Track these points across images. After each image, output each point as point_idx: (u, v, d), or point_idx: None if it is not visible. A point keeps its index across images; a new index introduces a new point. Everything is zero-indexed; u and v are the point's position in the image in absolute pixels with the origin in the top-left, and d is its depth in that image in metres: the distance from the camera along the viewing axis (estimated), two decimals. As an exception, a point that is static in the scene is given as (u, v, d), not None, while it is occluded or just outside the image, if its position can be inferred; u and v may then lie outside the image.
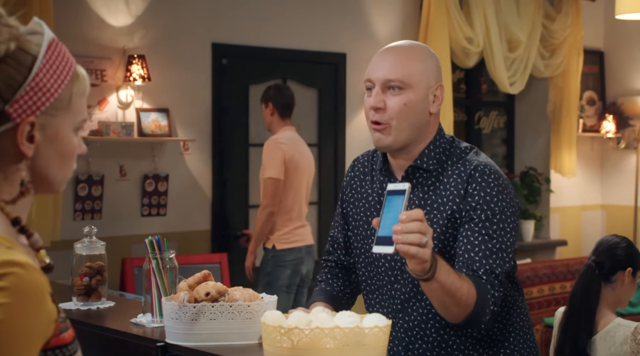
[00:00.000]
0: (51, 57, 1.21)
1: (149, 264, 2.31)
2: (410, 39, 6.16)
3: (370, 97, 2.06)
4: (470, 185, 2.00)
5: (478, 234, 1.96)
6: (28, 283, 1.11)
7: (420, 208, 1.79)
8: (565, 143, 6.90)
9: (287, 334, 1.76)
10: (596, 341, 2.84)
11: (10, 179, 1.22)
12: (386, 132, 2.04)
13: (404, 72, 2.02)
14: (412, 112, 2.02)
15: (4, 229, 1.19)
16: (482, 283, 1.93)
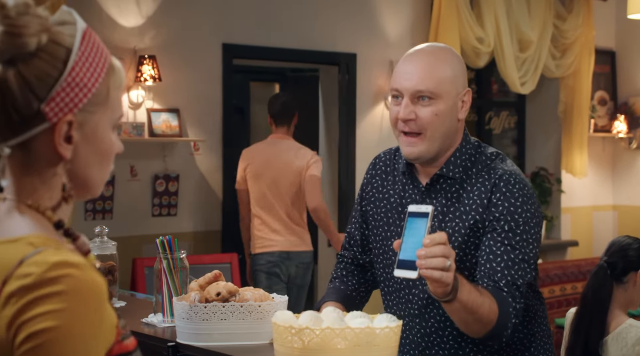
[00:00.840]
0: (86, 49, 1.12)
1: (160, 264, 2.31)
2: (421, 40, 6.17)
3: (398, 106, 2.01)
4: (495, 195, 1.98)
5: (501, 244, 1.95)
6: (86, 285, 1.03)
7: (443, 232, 1.76)
8: (577, 144, 6.88)
9: (298, 334, 1.76)
10: (608, 343, 2.83)
11: (49, 184, 1.14)
12: (417, 144, 2.00)
13: (434, 82, 1.98)
14: (443, 121, 1.99)
15: (49, 233, 1.12)
16: (503, 297, 1.91)
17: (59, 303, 1.01)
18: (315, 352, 1.76)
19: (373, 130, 6.10)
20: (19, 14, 1.07)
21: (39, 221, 1.12)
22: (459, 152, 2.05)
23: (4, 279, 1.03)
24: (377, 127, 6.12)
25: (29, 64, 1.08)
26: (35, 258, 1.04)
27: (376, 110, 6.12)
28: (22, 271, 1.03)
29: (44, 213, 1.13)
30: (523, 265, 1.95)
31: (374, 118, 6.11)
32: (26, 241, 1.07)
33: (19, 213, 1.12)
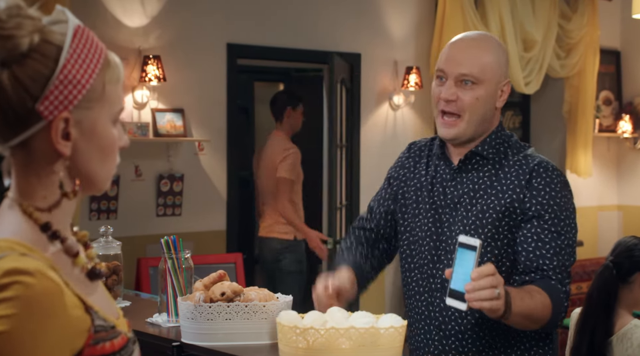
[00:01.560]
0: (78, 46, 1.12)
1: (164, 264, 2.31)
2: (425, 40, 6.17)
3: (441, 86, 2.11)
4: (535, 180, 2.07)
5: (548, 232, 2.04)
6: (37, 292, 1.03)
7: (491, 263, 1.82)
8: (581, 144, 6.87)
9: (303, 334, 1.76)
10: (613, 343, 2.82)
11: (45, 182, 1.14)
12: (456, 125, 2.10)
13: (479, 67, 2.08)
14: (482, 106, 2.10)
15: (31, 236, 1.12)
16: (553, 286, 2.01)
17: (6, 309, 1.01)
18: (320, 352, 1.76)
19: (377, 130, 6.10)
20: (10, 17, 1.09)
21: (24, 222, 1.13)
22: (494, 134, 2.15)
23: None
24: (382, 127, 6.12)
25: (22, 65, 1.09)
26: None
27: (380, 110, 6.12)
28: None
29: (30, 215, 1.13)
30: (568, 249, 2.06)
31: (379, 118, 6.11)
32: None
33: (10, 214, 1.14)
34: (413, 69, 6.04)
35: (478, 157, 2.14)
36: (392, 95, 6.12)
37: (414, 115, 6.24)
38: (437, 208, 2.15)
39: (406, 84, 6.05)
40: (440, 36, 6.04)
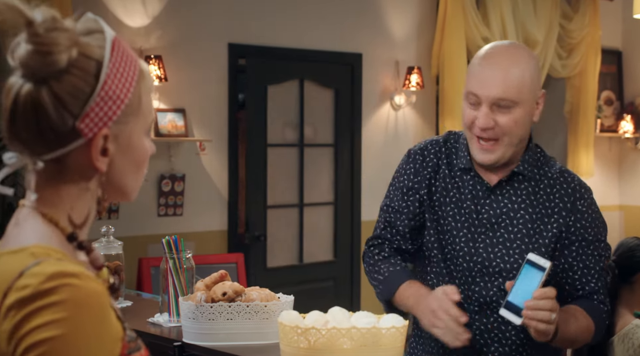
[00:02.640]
0: (117, 60, 1.10)
1: (166, 264, 2.31)
2: (426, 40, 6.17)
3: (475, 110, 1.97)
4: (579, 202, 2.04)
5: (592, 256, 2.04)
6: (85, 294, 1.01)
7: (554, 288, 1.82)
8: (583, 144, 6.86)
9: (304, 334, 1.76)
10: (614, 343, 2.82)
11: (76, 197, 1.12)
12: (494, 151, 1.99)
13: (516, 89, 1.94)
14: (522, 127, 1.99)
15: (58, 244, 1.10)
16: (596, 307, 2.03)
17: (57, 313, 0.99)
18: (321, 352, 1.76)
19: (378, 130, 6.10)
20: (48, 31, 1.05)
21: (50, 231, 1.10)
22: (531, 150, 2.08)
23: (4, 292, 1.02)
24: (383, 127, 6.12)
25: (61, 81, 1.06)
26: (34, 269, 1.02)
27: (382, 110, 6.12)
28: (20, 284, 1.01)
29: (57, 224, 1.11)
30: (605, 268, 2.09)
31: (380, 118, 6.11)
32: (28, 252, 1.05)
33: (32, 223, 1.11)
34: (414, 69, 6.03)
35: (518, 176, 2.05)
36: (394, 95, 6.12)
37: (416, 115, 6.24)
38: (470, 227, 2.04)
39: (407, 84, 6.05)
40: (442, 36, 6.04)
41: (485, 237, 2.03)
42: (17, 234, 1.10)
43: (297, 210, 5.81)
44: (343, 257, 5.99)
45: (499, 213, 2.03)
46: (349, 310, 1.93)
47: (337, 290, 5.97)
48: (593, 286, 2.03)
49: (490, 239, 2.03)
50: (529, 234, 2.00)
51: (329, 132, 5.97)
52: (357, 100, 6.00)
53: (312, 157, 5.89)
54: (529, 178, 2.05)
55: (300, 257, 5.84)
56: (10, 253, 1.07)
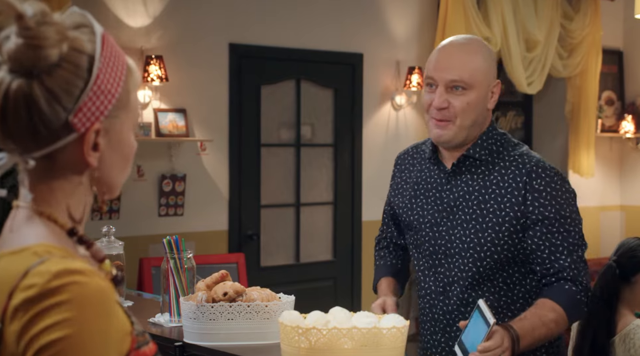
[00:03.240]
0: (107, 54, 1.09)
1: (166, 264, 2.31)
2: (428, 40, 6.16)
3: (432, 93, 2.12)
4: (535, 181, 2.08)
5: (557, 233, 2.07)
6: (91, 291, 1.01)
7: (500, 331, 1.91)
8: (584, 144, 6.86)
9: (305, 334, 1.76)
10: (615, 343, 2.82)
11: (70, 193, 1.12)
12: (447, 128, 2.11)
13: (469, 73, 2.09)
14: (474, 110, 2.10)
15: (59, 241, 1.09)
16: (567, 292, 2.06)
17: (65, 313, 0.98)
18: (322, 352, 1.76)
19: (379, 130, 6.10)
20: (38, 24, 1.04)
21: (49, 229, 1.10)
22: (486, 135, 2.16)
23: (9, 292, 1.02)
24: (384, 127, 6.12)
25: (53, 75, 1.05)
26: (39, 268, 1.02)
27: (383, 110, 6.12)
28: (26, 283, 1.01)
29: (56, 221, 1.10)
30: (579, 242, 2.10)
31: (381, 118, 6.11)
32: (31, 251, 1.05)
33: (31, 222, 1.10)
34: (415, 69, 6.04)
35: (471, 160, 2.15)
36: (394, 95, 6.12)
37: (416, 115, 6.24)
38: (434, 213, 2.18)
39: (408, 84, 6.05)
40: (443, 36, 6.04)
41: (447, 220, 2.15)
42: (16, 235, 1.10)
43: (293, 209, 5.81)
44: (343, 256, 5.99)
45: (457, 196, 2.14)
46: (350, 310, 1.93)
47: (337, 290, 5.97)
48: (562, 263, 2.07)
49: (450, 222, 2.14)
50: (483, 214, 2.09)
51: (329, 132, 5.97)
52: (358, 100, 6.00)
53: (311, 157, 5.89)
54: (485, 163, 2.14)
55: (297, 256, 5.84)
56: (11, 254, 1.07)
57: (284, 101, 5.75)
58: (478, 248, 2.09)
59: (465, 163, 2.15)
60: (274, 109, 5.69)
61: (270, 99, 5.66)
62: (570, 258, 2.08)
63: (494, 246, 2.08)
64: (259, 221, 5.61)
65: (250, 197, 5.56)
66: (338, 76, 5.94)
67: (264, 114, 5.63)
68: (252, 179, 5.57)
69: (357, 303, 5.95)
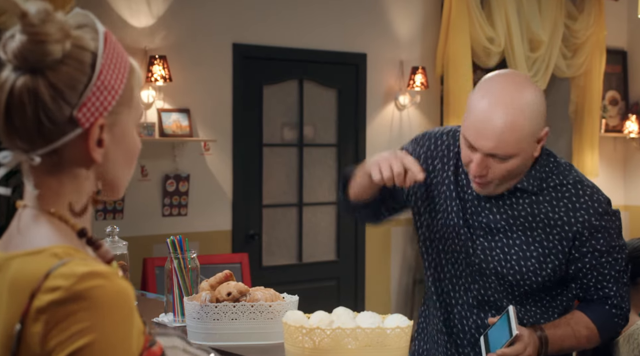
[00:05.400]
0: (110, 52, 1.11)
1: (170, 264, 2.31)
2: (431, 40, 6.15)
3: (470, 153, 1.93)
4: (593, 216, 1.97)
5: (606, 263, 2.02)
6: (115, 294, 1.02)
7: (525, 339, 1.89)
8: (588, 144, 6.85)
9: (309, 334, 1.76)
10: (619, 343, 2.82)
11: (74, 189, 1.12)
12: (488, 187, 1.97)
13: (513, 146, 1.88)
14: (516, 172, 1.95)
15: (70, 241, 1.10)
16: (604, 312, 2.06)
17: (92, 318, 1.00)
18: (326, 352, 1.76)
19: (383, 130, 6.10)
20: (42, 21, 1.06)
21: (61, 230, 1.10)
22: (538, 164, 2.00)
23: (31, 293, 1.02)
24: (387, 127, 6.12)
25: (57, 71, 1.06)
26: (62, 270, 1.02)
27: (386, 110, 6.12)
28: (49, 285, 1.01)
29: (67, 221, 1.11)
30: (625, 267, 2.07)
31: (384, 118, 6.11)
32: (50, 252, 1.05)
33: (41, 222, 1.10)
34: (419, 69, 6.03)
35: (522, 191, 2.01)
36: (398, 95, 6.12)
37: (420, 115, 6.24)
38: (470, 228, 2.04)
39: (412, 84, 6.05)
40: (446, 36, 6.04)
41: (484, 239, 2.02)
42: (26, 235, 1.10)
43: (296, 209, 5.81)
44: (346, 256, 5.99)
45: (499, 218, 2.01)
46: (353, 310, 1.93)
47: (340, 290, 5.97)
48: (608, 292, 2.04)
49: (488, 242, 2.02)
50: (528, 242, 1.99)
51: (332, 132, 5.97)
52: (361, 100, 6.00)
53: (314, 157, 5.89)
54: (534, 191, 2.00)
55: (300, 256, 5.84)
56: (27, 255, 1.06)
57: (287, 101, 5.76)
58: (518, 277, 1.99)
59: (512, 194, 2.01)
60: (277, 109, 5.70)
61: (274, 99, 5.67)
62: (616, 286, 2.05)
63: (535, 276, 2.00)
64: (261, 221, 5.61)
65: (253, 196, 5.57)
66: (341, 76, 5.94)
67: (267, 114, 5.64)
68: (255, 179, 5.58)
69: (361, 304, 5.94)
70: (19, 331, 1.01)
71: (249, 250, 5.48)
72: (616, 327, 2.10)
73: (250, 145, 5.54)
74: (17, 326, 1.01)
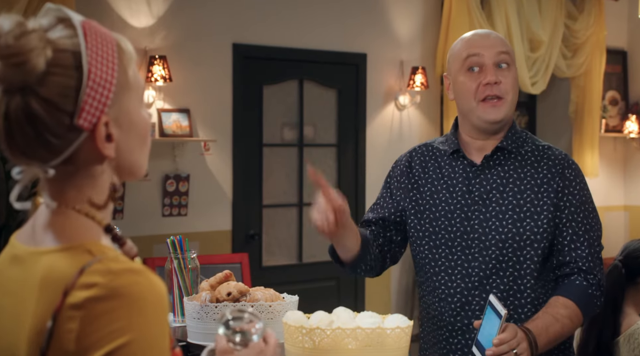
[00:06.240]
0: (93, 44, 1.05)
1: (170, 264, 2.31)
2: (431, 40, 6.16)
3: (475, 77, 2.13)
4: (567, 170, 2.13)
5: (580, 224, 2.12)
6: (152, 291, 1.01)
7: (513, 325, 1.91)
8: (588, 144, 6.85)
9: (309, 334, 1.76)
10: (620, 343, 2.82)
11: (97, 184, 1.10)
12: (502, 106, 2.13)
13: (508, 47, 2.16)
14: (516, 87, 2.16)
15: (99, 238, 1.08)
16: (578, 289, 2.09)
17: (130, 316, 0.98)
18: (326, 352, 1.76)
19: (383, 130, 6.10)
20: (17, 38, 1.01)
21: (88, 226, 1.09)
22: (513, 128, 2.20)
23: (65, 289, 1.00)
24: (387, 127, 6.12)
25: (46, 84, 1.02)
26: (97, 266, 1.01)
27: (386, 110, 6.12)
28: (85, 281, 1.00)
29: (93, 217, 1.09)
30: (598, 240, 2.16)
31: (384, 118, 6.10)
32: (83, 248, 1.04)
33: (68, 219, 1.08)
34: (419, 69, 6.03)
35: (503, 152, 2.16)
36: (398, 95, 6.12)
37: (420, 115, 6.24)
38: (463, 207, 2.14)
39: (412, 84, 6.05)
40: (447, 36, 6.04)
41: (479, 212, 2.13)
42: (54, 232, 1.08)
43: (296, 209, 5.81)
44: (347, 257, 5.98)
45: (489, 189, 2.13)
46: (353, 310, 1.93)
47: (340, 290, 5.97)
48: (580, 253, 2.10)
49: (483, 214, 2.12)
50: (520, 204, 2.11)
51: (332, 132, 5.97)
52: (362, 100, 6.00)
53: (314, 157, 5.89)
54: (515, 154, 2.16)
55: (300, 256, 5.84)
56: (59, 251, 1.05)
57: (287, 101, 5.76)
58: (517, 238, 2.09)
59: (494, 157, 2.16)
60: (277, 109, 5.70)
61: (274, 99, 5.67)
62: (589, 250, 2.12)
63: (533, 234, 2.09)
64: (261, 221, 5.61)
65: (253, 196, 5.57)
66: (341, 76, 5.94)
67: (267, 114, 5.64)
68: (255, 179, 5.58)
69: (361, 304, 5.94)
70: (50, 328, 0.99)
71: (249, 250, 5.48)
72: (593, 298, 2.11)
73: (250, 145, 5.55)
74: (49, 323, 0.99)
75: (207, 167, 5.36)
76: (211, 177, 5.37)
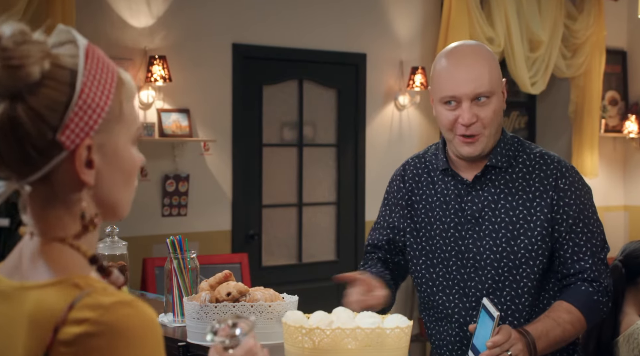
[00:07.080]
0: (92, 67, 1.05)
1: (170, 264, 2.31)
2: (431, 40, 6.16)
3: (452, 111, 2.05)
4: (561, 180, 2.07)
5: (581, 234, 2.07)
6: (145, 322, 1.00)
7: (507, 326, 1.90)
8: (587, 144, 6.85)
9: (309, 334, 1.76)
10: (619, 343, 2.82)
11: (73, 212, 1.07)
12: (479, 142, 2.06)
13: (488, 81, 2.04)
14: (498, 116, 2.08)
15: (85, 270, 1.06)
16: (582, 295, 2.05)
17: (123, 351, 0.97)
18: (326, 352, 1.76)
19: (382, 130, 6.10)
20: (17, 44, 1.01)
21: (74, 258, 1.07)
22: (502, 142, 2.13)
23: (55, 326, 0.98)
24: (387, 127, 6.12)
25: (37, 94, 1.01)
26: (86, 301, 0.99)
27: (386, 110, 6.12)
28: (76, 317, 0.98)
29: (78, 248, 1.07)
30: (602, 244, 2.11)
31: (384, 119, 6.11)
32: (70, 282, 1.02)
33: (52, 251, 1.06)
34: (419, 69, 6.03)
35: (494, 169, 2.11)
36: (398, 96, 6.12)
37: (420, 115, 6.24)
38: (457, 226, 2.11)
39: (412, 84, 6.05)
40: (446, 36, 6.04)
41: (473, 232, 2.09)
42: (40, 265, 1.06)
43: (296, 209, 5.82)
44: (346, 257, 5.99)
45: (481, 207, 2.09)
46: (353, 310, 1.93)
47: (340, 290, 5.95)
48: (584, 265, 2.07)
49: (477, 233, 2.09)
50: (512, 221, 2.07)
51: (332, 132, 5.97)
52: (361, 100, 6.00)
53: (313, 157, 5.89)
54: (505, 169, 2.10)
55: (300, 256, 5.84)
56: (46, 286, 1.03)
57: (287, 101, 5.76)
58: (512, 257, 2.05)
59: (486, 175, 2.11)
60: (276, 109, 5.70)
61: (273, 99, 5.67)
62: (592, 259, 2.07)
63: (528, 252, 2.05)
64: (260, 221, 5.61)
65: (253, 196, 5.57)
66: (341, 76, 5.94)
67: (266, 114, 5.64)
68: (255, 179, 5.58)
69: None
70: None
71: (249, 250, 5.48)
72: (598, 304, 2.08)
73: (250, 145, 5.55)
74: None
75: (207, 167, 5.36)
76: (211, 177, 5.37)
